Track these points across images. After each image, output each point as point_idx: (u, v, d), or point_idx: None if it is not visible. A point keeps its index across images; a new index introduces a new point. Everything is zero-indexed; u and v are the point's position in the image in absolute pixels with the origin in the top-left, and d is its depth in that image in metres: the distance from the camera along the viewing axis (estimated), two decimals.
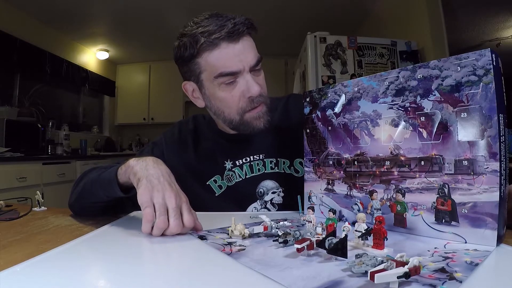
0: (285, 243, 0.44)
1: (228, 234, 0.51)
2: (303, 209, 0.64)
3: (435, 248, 0.42)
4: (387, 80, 0.52)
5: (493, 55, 0.42)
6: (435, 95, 0.47)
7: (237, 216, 0.54)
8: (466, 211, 0.43)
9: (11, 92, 3.06)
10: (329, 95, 0.62)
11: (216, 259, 0.41)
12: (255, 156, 0.80)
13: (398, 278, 0.29)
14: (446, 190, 0.45)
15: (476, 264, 0.35)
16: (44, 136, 3.00)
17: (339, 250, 0.37)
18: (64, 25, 3.43)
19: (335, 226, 0.46)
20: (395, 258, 0.32)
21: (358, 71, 2.30)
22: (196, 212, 0.70)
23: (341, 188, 0.59)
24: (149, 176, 0.54)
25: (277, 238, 0.45)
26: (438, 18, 2.34)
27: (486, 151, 0.42)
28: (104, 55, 4.33)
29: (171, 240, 0.51)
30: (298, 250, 0.40)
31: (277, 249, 0.44)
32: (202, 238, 0.50)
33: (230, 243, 0.46)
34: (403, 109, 0.50)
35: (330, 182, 0.61)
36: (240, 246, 0.45)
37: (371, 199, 0.54)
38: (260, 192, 0.78)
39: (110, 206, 0.67)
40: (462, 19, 3.16)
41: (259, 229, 0.50)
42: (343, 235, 0.38)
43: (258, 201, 0.78)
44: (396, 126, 0.51)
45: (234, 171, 0.79)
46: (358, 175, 0.56)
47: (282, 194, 0.78)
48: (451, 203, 0.45)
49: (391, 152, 0.51)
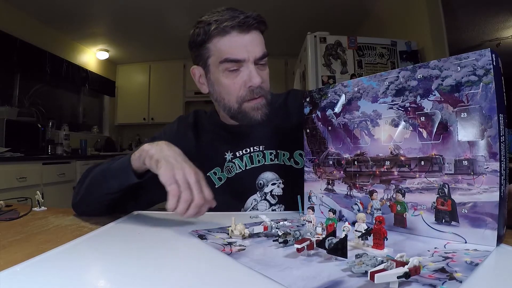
0: (285, 243, 0.44)
1: (228, 234, 0.51)
2: (303, 209, 0.64)
3: (435, 248, 0.42)
4: (387, 80, 0.52)
5: (493, 55, 0.42)
6: (435, 95, 0.47)
7: (237, 216, 0.54)
8: (466, 211, 0.43)
9: (11, 92, 3.06)
10: (329, 95, 0.62)
11: (216, 259, 0.41)
12: (255, 148, 0.80)
13: (398, 278, 0.29)
14: (446, 190, 0.45)
15: (476, 264, 0.35)
16: (44, 136, 3.00)
17: (339, 250, 0.37)
18: (64, 25, 3.43)
19: (335, 226, 0.46)
20: (395, 258, 0.32)
21: (358, 71, 2.30)
22: None
23: (341, 188, 0.59)
24: (166, 157, 0.58)
25: (277, 238, 0.45)
26: (438, 18, 2.34)
27: (486, 151, 0.42)
28: (104, 55, 4.33)
29: (171, 240, 0.51)
30: (298, 250, 0.40)
31: (277, 249, 0.44)
32: (202, 238, 0.50)
33: (230, 243, 0.46)
34: (403, 109, 0.50)
35: (330, 182, 0.61)
36: (240, 246, 0.45)
37: (371, 199, 0.54)
38: (260, 183, 0.79)
39: (115, 201, 0.68)
40: (462, 19, 3.16)
41: (259, 229, 0.50)
42: (343, 235, 0.38)
43: (258, 192, 0.79)
44: (396, 126, 0.51)
45: (234, 162, 0.80)
46: (358, 175, 0.56)
47: (282, 186, 0.79)
48: (451, 203, 0.45)
49: (391, 152, 0.51)
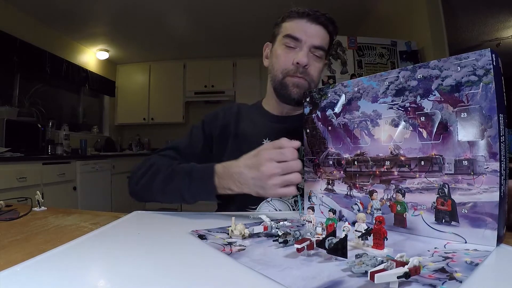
0: (285, 243, 0.44)
1: (228, 234, 0.51)
2: (303, 209, 0.64)
3: (435, 248, 0.42)
4: (387, 80, 0.52)
5: (493, 55, 0.42)
6: (435, 95, 0.47)
7: (237, 216, 0.54)
8: (466, 211, 0.43)
9: (11, 92, 3.05)
10: (329, 95, 0.62)
11: (216, 259, 0.41)
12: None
13: (398, 278, 0.29)
14: (446, 190, 0.45)
15: (476, 264, 0.35)
16: (44, 136, 3.00)
17: (339, 250, 0.37)
18: (64, 25, 3.42)
19: (335, 226, 0.46)
20: (395, 258, 0.32)
21: (358, 71, 2.30)
22: (195, 212, 0.70)
23: (341, 188, 0.59)
24: (241, 162, 0.62)
25: (277, 238, 0.45)
26: (438, 18, 2.34)
27: (486, 151, 0.42)
28: (104, 55, 4.33)
29: (171, 240, 0.51)
30: (298, 250, 0.40)
31: (277, 249, 0.44)
32: (202, 238, 0.50)
33: (230, 243, 0.46)
34: (403, 109, 0.50)
35: (330, 182, 0.61)
36: (240, 246, 0.45)
37: (371, 199, 0.54)
38: None
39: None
40: (462, 19, 3.16)
41: (259, 229, 0.50)
42: (343, 235, 0.38)
43: None
44: (396, 126, 0.51)
45: None
46: (358, 175, 0.56)
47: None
48: (451, 203, 0.45)
49: (391, 152, 0.51)
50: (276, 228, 0.50)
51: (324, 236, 0.41)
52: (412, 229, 0.49)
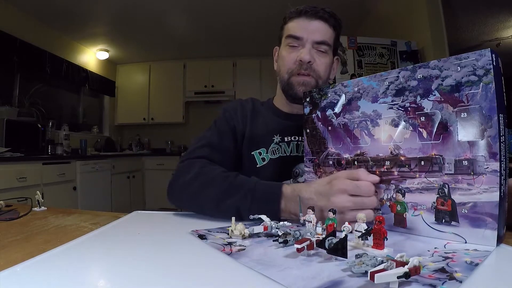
0: (285, 243, 0.44)
1: (228, 234, 0.51)
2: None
3: (435, 248, 0.42)
4: (387, 80, 0.52)
5: (493, 55, 0.42)
6: (435, 95, 0.47)
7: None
8: (466, 211, 0.43)
9: (11, 92, 3.05)
10: (329, 95, 0.62)
11: (216, 259, 0.41)
12: (303, 138, 0.82)
13: (398, 278, 0.29)
14: (446, 190, 0.45)
15: (476, 264, 0.35)
16: (44, 136, 3.00)
17: (339, 250, 0.37)
18: (64, 25, 3.42)
19: (335, 226, 0.46)
20: (395, 258, 0.32)
21: (358, 71, 2.30)
22: (192, 212, 0.70)
23: None
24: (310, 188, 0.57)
25: (277, 238, 0.45)
26: (438, 18, 2.34)
27: (486, 151, 0.42)
28: (104, 55, 4.33)
29: (171, 240, 0.51)
30: (298, 250, 0.40)
31: (277, 249, 0.44)
32: (202, 238, 0.50)
33: (230, 243, 0.46)
34: (403, 109, 0.50)
35: None
36: (240, 246, 0.45)
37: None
38: (296, 172, 0.81)
39: None
40: (462, 19, 3.16)
41: (259, 229, 0.50)
42: (343, 235, 0.38)
43: (291, 180, 0.81)
44: (396, 126, 0.51)
45: (280, 146, 0.83)
46: None
47: None
48: (451, 203, 0.45)
49: (391, 152, 0.51)
50: (276, 228, 0.50)
51: (324, 236, 0.41)
52: (412, 229, 0.49)
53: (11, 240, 0.49)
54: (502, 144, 0.41)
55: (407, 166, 0.49)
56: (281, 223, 0.51)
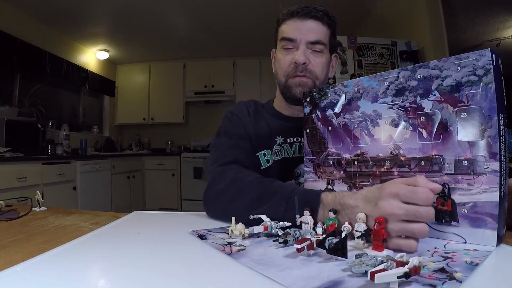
0: (285, 243, 0.44)
1: (228, 234, 0.51)
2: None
3: (435, 248, 0.42)
4: (387, 80, 0.52)
5: (493, 55, 0.42)
6: (435, 95, 0.47)
7: None
8: (466, 211, 0.43)
9: (11, 92, 3.05)
10: (329, 95, 0.62)
11: (216, 259, 0.41)
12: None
13: (398, 278, 0.29)
14: (446, 190, 0.45)
15: (476, 264, 0.35)
16: (44, 136, 3.00)
17: (339, 250, 0.37)
18: (64, 25, 3.42)
19: (336, 227, 0.46)
20: (395, 258, 0.32)
21: (358, 71, 2.30)
22: (195, 212, 0.70)
23: (341, 188, 0.59)
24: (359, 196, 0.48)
25: (277, 238, 0.45)
26: (438, 18, 2.34)
27: (486, 151, 0.42)
28: (104, 55, 4.32)
29: (171, 240, 0.51)
30: (298, 250, 0.40)
31: (277, 249, 0.44)
32: (202, 238, 0.50)
33: (230, 243, 0.46)
34: (403, 109, 0.50)
35: (330, 182, 0.61)
36: (240, 246, 0.45)
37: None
38: (297, 173, 0.81)
39: None
40: (462, 19, 3.16)
41: (259, 229, 0.50)
42: (343, 235, 0.38)
43: (293, 180, 0.81)
44: (396, 126, 0.51)
45: (283, 147, 0.83)
46: (358, 175, 0.56)
47: None
48: (451, 203, 0.45)
49: (391, 152, 0.51)
50: (276, 228, 0.50)
51: (324, 236, 0.41)
52: None
53: (11, 240, 0.49)
54: (502, 144, 0.41)
55: (407, 166, 0.49)
56: (281, 223, 0.51)
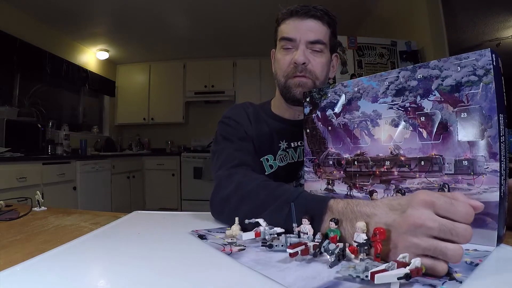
0: (269, 247, 0.42)
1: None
2: (297, 219, 0.48)
3: None
4: (387, 80, 0.52)
5: (493, 55, 0.42)
6: (435, 95, 0.47)
7: None
8: None
9: (11, 92, 3.05)
10: (329, 95, 0.62)
11: (216, 259, 0.41)
12: None
13: (399, 279, 0.29)
14: (446, 190, 0.45)
15: (476, 264, 0.35)
16: (44, 136, 3.00)
17: (341, 260, 0.37)
18: (64, 25, 3.42)
19: (337, 239, 0.41)
20: (397, 259, 0.32)
21: (358, 71, 2.30)
22: (195, 212, 0.70)
23: (341, 188, 0.59)
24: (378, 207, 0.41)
25: (265, 242, 0.43)
26: (438, 18, 2.34)
27: (486, 151, 0.42)
28: (104, 55, 4.32)
29: (171, 240, 0.51)
30: (291, 255, 0.38)
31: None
32: (202, 238, 0.50)
33: (230, 243, 0.46)
34: (403, 109, 0.50)
35: (330, 182, 0.61)
36: (240, 246, 0.45)
37: (371, 199, 0.54)
38: (299, 174, 0.82)
39: None
40: (462, 19, 3.16)
41: (248, 235, 0.45)
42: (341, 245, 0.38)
43: (294, 181, 0.81)
44: (396, 126, 0.51)
45: (287, 152, 0.83)
46: (358, 175, 0.56)
47: None
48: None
49: (391, 152, 0.51)
50: (270, 234, 0.46)
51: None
52: None
53: (11, 240, 0.49)
54: (502, 144, 0.41)
55: (407, 166, 0.49)
56: (275, 229, 0.47)
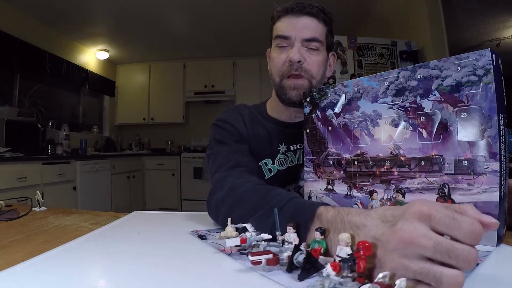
0: (247, 255, 0.38)
1: None
2: (281, 227, 0.44)
3: None
4: (387, 80, 0.52)
5: (493, 55, 0.42)
6: (435, 95, 0.47)
7: None
8: None
9: (11, 92, 3.05)
10: (329, 95, 0.62)
11: (216, 259, 0.41)
12: None
13: None
14: (446, 190, 0.45)
15: (476, 264, 0.35)
16: (44, 136, 3.00)
17: (311, 269, 0.33)
18: (64, 25, 3.42)
19: (321, 252, 0.36)
20: (377, 280, 0.26)
21: (358, 71, 2.30)
22: (196, 212, 0.70)
23: (341, 188, 0.59)
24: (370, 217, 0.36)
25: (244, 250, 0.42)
26: (438, 18, 2.34)
27: (486, 151, 0.42)
28: (104, 55, 4.32)
29: (171, 240, 0.51)
30: (253, 263, 0.34)
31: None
32: (202, 238, 0.50)
33: None
34: (403, 109, 0.50)
35: (330, 182, 0.61)
36: (240, 246, 0.45)
37: (371, 199, 0.54)
38: (298, 176, 0.80)
39: None
40: (462, 19, 3.16)
41: (233, 242, 0.42)
42: (305, 252, 0.34)
43: (292, 184, 0.80)
44: (396, 126, 0.51)
45: (287, 155, 0.81)
46: (358, 175, 0.56)
47: None
48: (451, 203, 0.44)
49: (391, 152, 0.51)
50: (256, 241, 0.43)
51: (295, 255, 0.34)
52: None
53: (11, 240, 0.49)
54: (502, 144, 0.41)
55: (407, 166, 0.49)
56: (262, 235, 0.44)
